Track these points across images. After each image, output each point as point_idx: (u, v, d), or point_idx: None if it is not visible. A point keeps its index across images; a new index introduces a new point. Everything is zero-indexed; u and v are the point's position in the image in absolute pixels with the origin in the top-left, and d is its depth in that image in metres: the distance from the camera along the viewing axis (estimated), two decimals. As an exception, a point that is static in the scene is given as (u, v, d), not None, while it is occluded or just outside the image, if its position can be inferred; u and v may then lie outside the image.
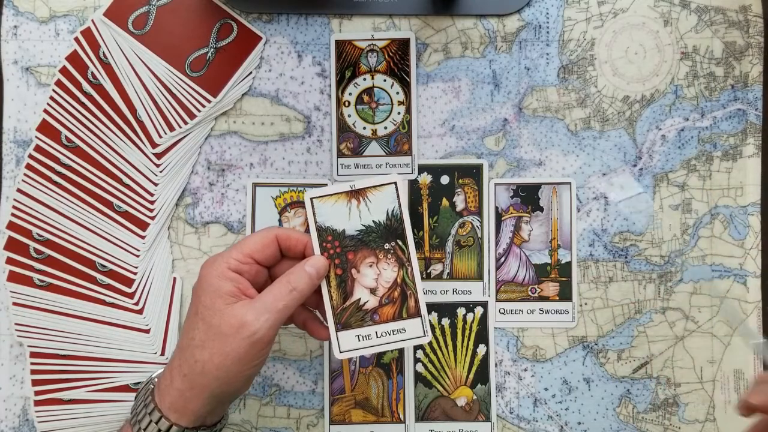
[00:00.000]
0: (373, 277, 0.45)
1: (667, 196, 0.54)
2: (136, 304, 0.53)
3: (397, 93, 0.54)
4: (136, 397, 0.44)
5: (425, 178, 0.54)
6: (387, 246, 0.45)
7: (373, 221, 0.45)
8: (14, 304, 0.52)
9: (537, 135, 0.54)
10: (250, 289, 0.43)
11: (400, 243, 0.45)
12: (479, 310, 0.54)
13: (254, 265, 0.43)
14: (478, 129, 0.54)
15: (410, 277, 0.45)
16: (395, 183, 0.45)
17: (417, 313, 0.45)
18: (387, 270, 0.45)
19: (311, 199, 0.45)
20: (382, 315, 0.45)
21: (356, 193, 0.45)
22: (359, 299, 0.45)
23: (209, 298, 0.41)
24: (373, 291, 0.45)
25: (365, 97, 0.54)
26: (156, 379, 0.44)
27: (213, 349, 0.40)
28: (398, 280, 0.45)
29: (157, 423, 0.41)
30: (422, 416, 0.54)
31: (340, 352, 0.45)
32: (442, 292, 0.54)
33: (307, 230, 0.45)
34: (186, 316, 0.43)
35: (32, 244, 0.52)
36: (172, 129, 0.53)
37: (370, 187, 0.45)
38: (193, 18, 0.53)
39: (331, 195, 0.45)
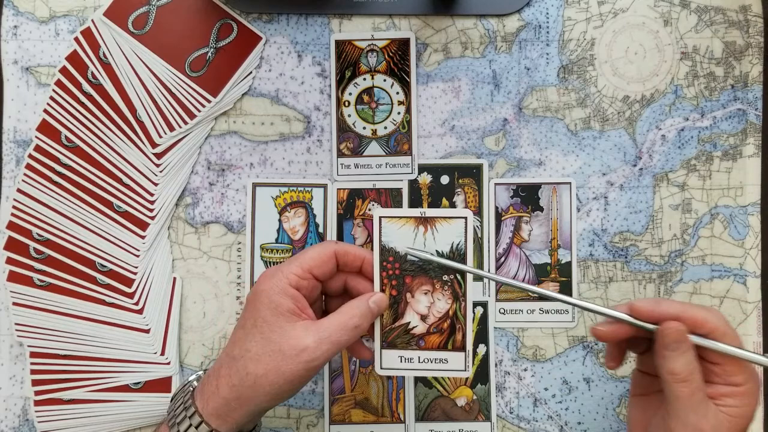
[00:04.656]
0: (426, 304, 0.45)
1: (667, 196, 0.54)
2: (136, 304, 0.53)
3: (397, 93, 0.54)
4: (172, 399, 0.45)
5: (425, 178, 0.54)
6: (445, 278, 0.45)
7: (436, 251, 0.45)
8: (14, 304, 0.52)
9: (537, 135, 0.54)
10: (308, 308, 0.43)
11: (458, 277, 0.45)
12: (479, 310, 0.54)
13: (312, 281, 0.44)
14: (478, 129, 0.54)
15: (462, 312, 0.45)
16: (466, 218, 0.45)
17: (462, 348, 0.45)
18: (441, 301, 0.45)
19: (380, 217, 0.45)
20: (428, 342, 0.45)
21: (425, 221, 0.45)
22: (409, 323, 0.45)
23: (270, 314, 0.42)
24: (423, 318, 0.45)
25: (365, 97, 0.54)
26: (195, 383, 0.44)
27: (269, 366, 0.41)
28: (450, 312, 0.45)
29: (197, 428, 0.41)
30: (422, 416, 0.54)
31: (381, 368, 0.46)
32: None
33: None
34: (240, 325, 0.43)
35: (32, 244, 0.52)
36: (172, 129, 0.53)
37: (440, 218, 0.45)
38: (193, 18, 0.53)
39: (401, 218, 0.45)
